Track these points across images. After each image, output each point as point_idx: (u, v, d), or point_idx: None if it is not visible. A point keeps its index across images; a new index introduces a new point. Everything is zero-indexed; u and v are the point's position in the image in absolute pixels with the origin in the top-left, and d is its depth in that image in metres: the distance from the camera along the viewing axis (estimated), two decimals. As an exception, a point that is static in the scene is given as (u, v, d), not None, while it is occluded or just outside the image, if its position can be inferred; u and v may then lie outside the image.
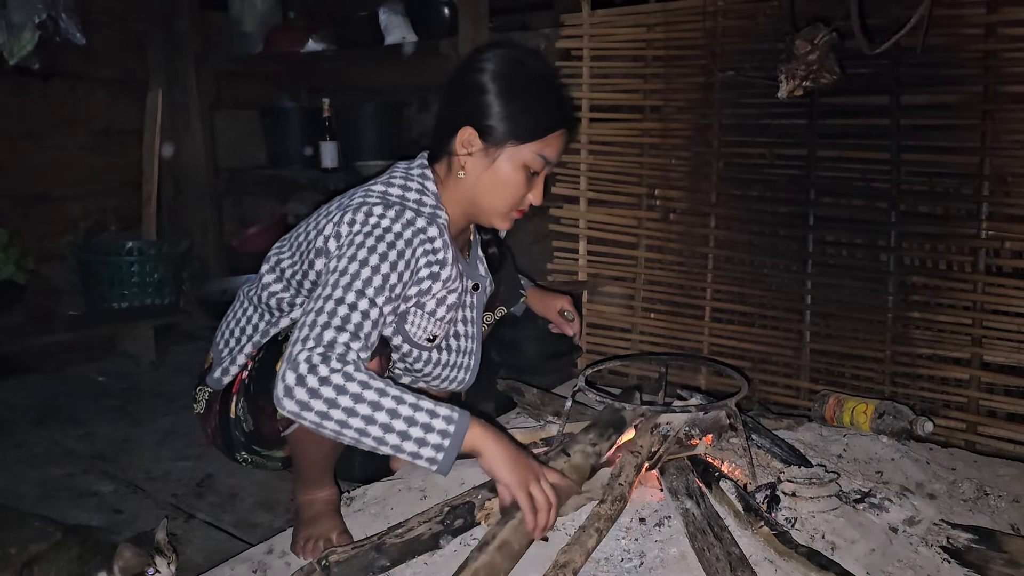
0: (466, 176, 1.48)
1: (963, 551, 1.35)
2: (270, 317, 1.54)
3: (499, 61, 1.46)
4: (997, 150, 1.92)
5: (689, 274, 2.39)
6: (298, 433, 1.43)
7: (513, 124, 1.44)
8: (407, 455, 1.22)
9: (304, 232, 1.51)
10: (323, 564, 1.25)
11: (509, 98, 1.44)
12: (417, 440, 1.21)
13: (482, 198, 1.50)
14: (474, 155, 1.46)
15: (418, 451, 1.21)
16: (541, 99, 1.47)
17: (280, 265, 1.54)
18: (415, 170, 1.52)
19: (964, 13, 1.93)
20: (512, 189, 1.48)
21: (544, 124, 1.46)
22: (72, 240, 3.31)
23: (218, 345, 1.61)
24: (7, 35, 2.90)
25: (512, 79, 1.45)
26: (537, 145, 1.46)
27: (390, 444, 1.21)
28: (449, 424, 1.22)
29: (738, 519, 1.37)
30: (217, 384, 1.57)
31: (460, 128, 1.46)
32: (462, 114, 1.46)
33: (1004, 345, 1.94)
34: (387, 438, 1.20)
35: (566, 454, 1.43)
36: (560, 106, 1.50)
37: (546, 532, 1.29)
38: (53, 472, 2.03)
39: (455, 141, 1.47)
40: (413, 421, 1.21)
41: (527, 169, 1.47)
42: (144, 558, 1.37)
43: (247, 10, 3.46)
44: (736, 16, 2.22)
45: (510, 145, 1.45)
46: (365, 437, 1.21)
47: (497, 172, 1.46)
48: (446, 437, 1.22)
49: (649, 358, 2.32)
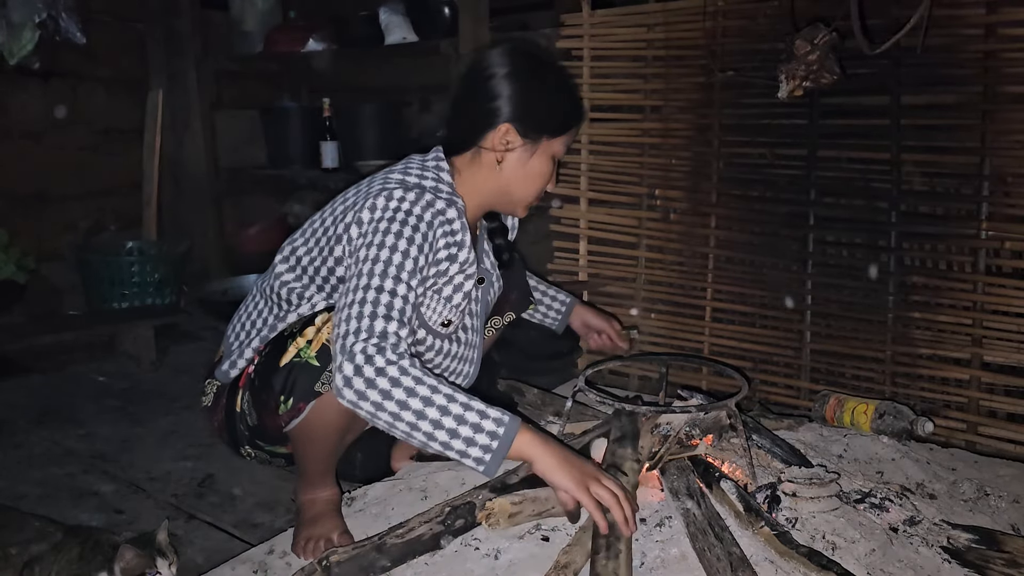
0: (502, 169, 1.52)
1: (963, 551, 1.35)
2: (279, 311, 1.55)
3: (525, 59, 1.52)
4: (997, 150, 1.92)
5: (689, 274, 2.39)
6: (300, 430, 1.44)
7: (551, 119, 1.52)
8: (455, 453, 1.24)
9: (320, 221, 1.53)
10: (324, 564, 1.25)
11: (544, 95, 1.51)
12: (466, 439, 1.23)
13: (515, 189, 1.55)
14: (515, 150, 1.51)
15: (466, 450, 1.23)
16: (568, 94, 1.57)
17: (296, 254, 1.55)
18: (430, 161, 1.55)
19: (964, 13, 1.92)
20: (543, 179, 1.56)
21: (573, 117, 1.56)
22: (72, 240, 3.31)
23: (228, 338, 1.63)
24: (7, 35, 2.90)
25: (542, 76, 1.53)
26: (567, 137, 1.56)
27: (439, 441, 1.23)
28: (499, 427, 1.24)
29: (739, 519, 1.38)
30: (224, 377, 1.58)
31: (496, 124, 1.49)
32: (497, 111, 1.49)
33: (1004, 345, 1.94)
34: (436, 434, 1.23)
35: (623, 473, 1.39)
36: (579, 98, 1.63)
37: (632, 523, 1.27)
38: (53, 472, 2.03)
39: (490, 136, 1.50)
40: (463, 420, 1.23)
41: (554, 159, 1.56)
42: (145, 559, 1.37)
43: (247, 10, 3.46)
44: (736, 16, 2.22)
45: (545, 139, 1.52)
46: (416, 432, 1.24)
47: (535, 164, 1.53)
48: (495, 439, 1.24)
49: (649, 358, 2.32)
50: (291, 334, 1.45)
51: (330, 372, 1.37)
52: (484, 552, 1.35)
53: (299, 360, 1.40)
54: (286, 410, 1.41)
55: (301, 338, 1.42)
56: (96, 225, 3.43)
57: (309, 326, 1.43)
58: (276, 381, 1.42)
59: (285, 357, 1.42)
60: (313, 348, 1.40)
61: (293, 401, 1.40)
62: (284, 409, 1.41)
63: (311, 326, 1.43)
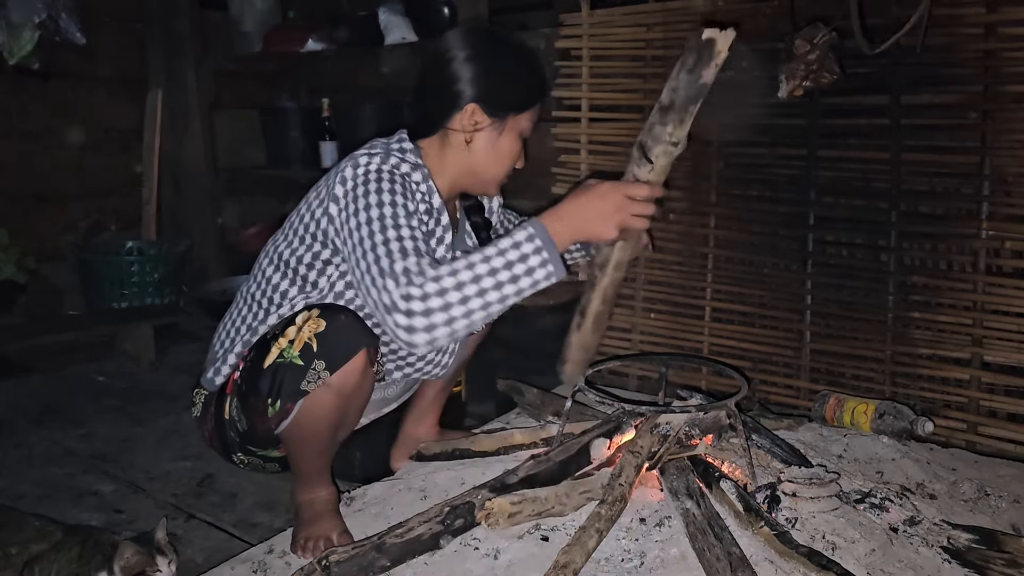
0: (471, 149, 1.52)
1: (963, 551, 1.35)
2: (260, 314, 1.54)
3: (484, 39, 1.54)
4: (997, 150, 1.92)
5: (689, 274, 2.39)
6: (291, 431, 1.43)
7: (515, 96, 1.52)
8: (530, 290, 1.28)
9: (297, 216, 1.53)
10: (323, 564, 1.25)
11: (506, 72, 1.51)
12: (527, 272, 1.27)
13: (484, 168, 1.55)
14: (483, 129, 1.51)
15: (535, 280, 1.28)
16: (530, 69, 1.56)
17: (278, 251, 1.54)
18: (394, 142, 1.55)
19: (964, 13, 1.92)
20: (512, 157, 1.56)
21: (536, 92, 1.55)
22: (72, 240, 3.31)
23: (213, 345, 1.62)
24: (7, 35, 2.90)
25: (503, 54, 1.53)
26: (532, 112, 1.54)
27: (511, 295, 1.27)
28: (533, 241, 1.28)
29: (738, 519, 1.38)
30: (210, 385, 1.58)
31: (462, 105, 1.49)
32: (461, 92, 1.50)
33: (1004, 345, 1.94)
34: (505, 292, 1.27)
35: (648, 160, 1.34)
36: (542, 73, 1.60)
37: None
38: (53, 472, 2.03)
39: (457, 118, 1.50)
40: (510, 264, 1.27)
41: (521, 136, 1.55)
42: (145, 557, 1.37)
43: (247, 10, 3.46)
44: (736, 16, 2.22)
45: (512, 116, 1.51)
46: (490, 308, 1.27)
47: (502, 142, 1.53)
48: (540, 252, 1.28)
49: (649, 358, 2.32)
50: (273, 336, 1.44)
51: (315, 370, 1.37)
52: (483, 552, 1.35)
53: (283, 360, 1.39)
54: (275, 412, 1.41)
55: (283, 338, 1.41)
56: (96, 225, 3.43)
57: (290, 326, 1.42)
58: (262, 384, 1.41)
59: (269, 359, 1.41)
60: (296, 347, 1.39)
61: (281, 402, 1.40)
62: (273, 411, 1.41)
63: (292, 326, 1.41)
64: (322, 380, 1.38)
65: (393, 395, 1.75)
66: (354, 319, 1.43)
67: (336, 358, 1.38)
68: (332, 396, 1.40)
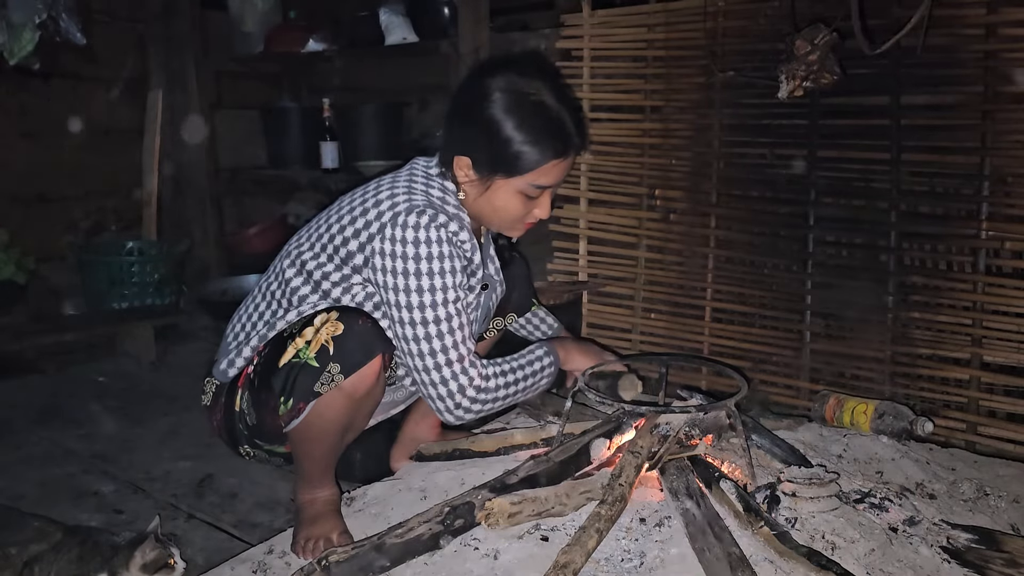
0: (467, 197, 1.53)
1: (963, 551, 1.35)
2: (278, 310, 1.55)
3: (499, 92, 1.46)
4: (997, 150, 1.92)
5: (689, 274, 2.39)
6: (300, 430, 1.44)
7: (501, 162, 1.47)
8: (543, 390, 1.66)
9: (326, 229, 1.53)
10: (323, 564, 1.25)
11: (499, 135, 1.45)
12: (547, 379, 1.64)
13: (484, 217, 1.57)
14: (472, 182, 1.50)
15: (549, 383, 1.66)
16: (533, 133, 1.45)
17: (305, 266, 1.54)
18: (433, 169, 1.55)
19: (964, 13, 1.93)
20: (511, 211, 1.53)
21: (533, 159, 1.46)
22: (72, 240, 3.31)
23: (227, 337, 1.63)
24: (7, 35, 2.90)
25: (507, 112, 1.45)
26: (530, 176, 1.47)
27: (531, 395, 1.64)
28: (548, 356, 1.64)
29: (738, 519, 1.37)
30: (222, 376, 1.58)
31: (457, 155, 1.50)
32: (460, 141, 1.50)
33: (1004, 345, 1.94)
34: (529, 393, 1.62)
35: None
36: (556, 136, 1.47)
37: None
38: (53, 472, 2.03)
39: (455, 165, 1.51)
40: (534, 373, 1.60)
41: (523, 195, 1.50)
42: (164, 550, 1.40)
43: (247, 10, 3.46)
44: (737, 16, 2.22)
45: (499, 178, 1.48)
46: (516, 402, 1.61)
47: (493, 198, 1.51)
48: (551, 366, 1.65)
49: (649, 358, 2.32)
50: (290, 334, 1.45)
51: (329, 373, 1.38)
52: (483, 552, 1.35)
53: (298, 360, 1.40)
54: (286, 410, 1.41)
55: (300, 338, 1.42)
56: (96, 225, 3.43)
57: (308, 326, 1.43)
58: (276, 381, 1.42)
59: (284, 357, 1.42)
60: (312, 349, 1.39)
61: (293, 401, 1.40)
62: (284, 409, 1.41)
63: (310, 326, 1.42)
64: (336, 383, 1.39)
65: (401, 398, 1.76)
66: (372, 324, 1.44)
67: (351, 362, 1.39)
68: (344, 399, 1.41)
